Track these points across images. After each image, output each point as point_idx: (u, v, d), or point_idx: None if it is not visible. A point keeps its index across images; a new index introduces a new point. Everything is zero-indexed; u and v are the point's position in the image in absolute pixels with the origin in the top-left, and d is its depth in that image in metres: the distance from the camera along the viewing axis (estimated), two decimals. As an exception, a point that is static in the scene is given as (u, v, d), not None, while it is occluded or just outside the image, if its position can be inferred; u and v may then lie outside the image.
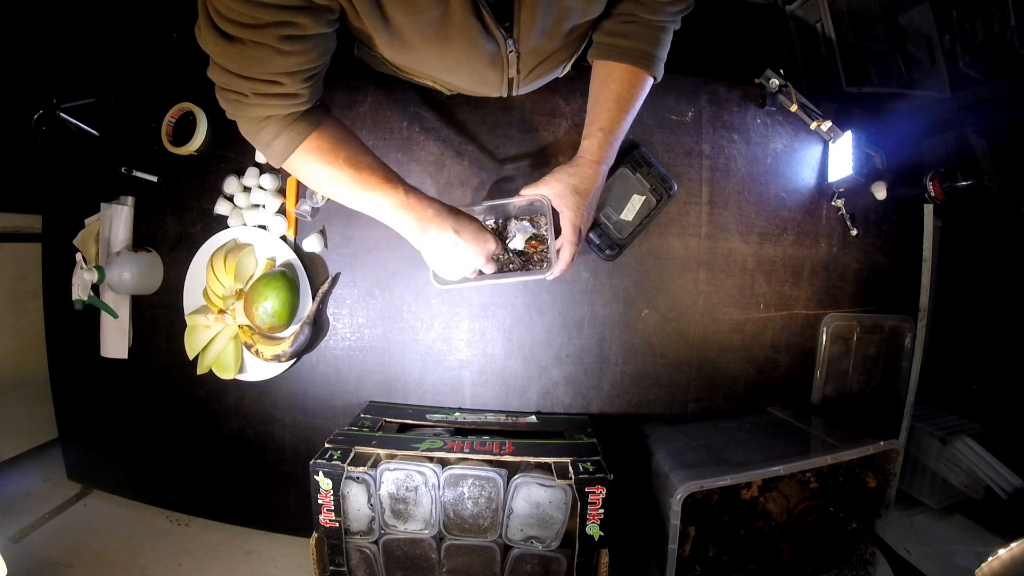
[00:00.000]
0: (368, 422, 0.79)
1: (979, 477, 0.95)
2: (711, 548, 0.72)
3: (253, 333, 0.84)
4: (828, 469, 0.76)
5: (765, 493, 0.75)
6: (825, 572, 0.76)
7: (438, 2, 0.49)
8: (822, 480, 0.76)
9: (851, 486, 0.77)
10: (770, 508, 0.75)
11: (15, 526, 0.89)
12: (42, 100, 0.89)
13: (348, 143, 0.59)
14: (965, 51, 1.12)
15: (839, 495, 0.76)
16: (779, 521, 0.75)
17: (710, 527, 0.73)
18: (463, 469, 0.65)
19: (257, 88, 0.50)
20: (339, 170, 0.57)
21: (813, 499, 0.74)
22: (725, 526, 0.73)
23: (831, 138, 0.89)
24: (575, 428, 0.80)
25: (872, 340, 0.92)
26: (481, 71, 0.63)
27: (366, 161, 0.58)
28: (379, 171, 0.58)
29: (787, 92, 0.87)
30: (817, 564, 0.75)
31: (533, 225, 0.72)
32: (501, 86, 0.69)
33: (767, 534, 0.75)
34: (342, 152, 0.57)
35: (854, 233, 0.90)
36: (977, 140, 1.11)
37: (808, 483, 0.76)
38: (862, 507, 0.77)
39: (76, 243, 0.93)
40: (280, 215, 0.87)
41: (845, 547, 0.75)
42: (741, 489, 0.74)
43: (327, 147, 0.57)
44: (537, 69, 0.68)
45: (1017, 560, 0.54)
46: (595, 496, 0.64)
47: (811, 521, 0.73)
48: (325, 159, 0.57)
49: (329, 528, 0.68)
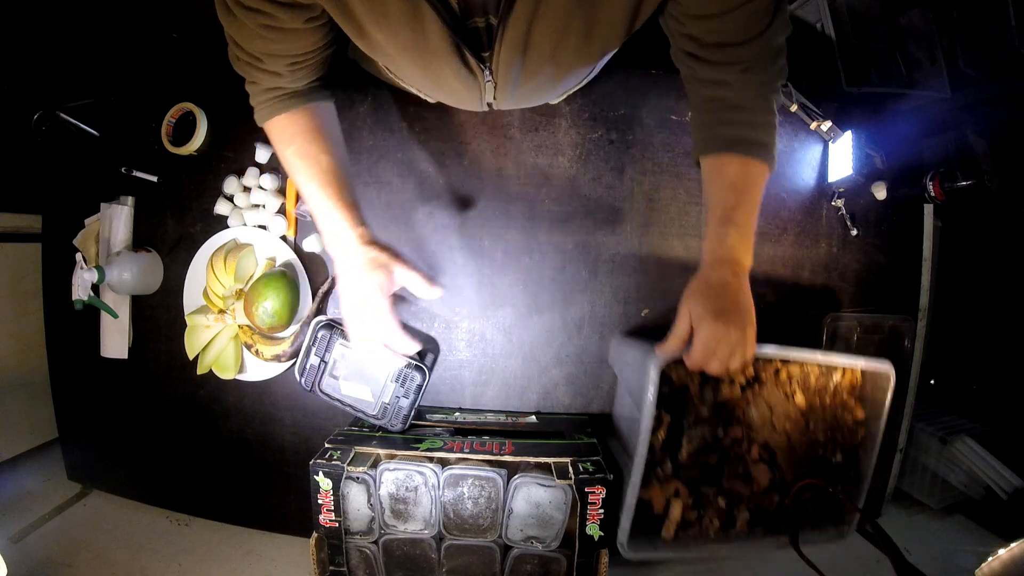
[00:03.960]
0: (368, 422, 0.79)
1: (979, 477, 0.95)
2: (685, 444, 0.66)
3: (253, 333, 0.84)
4: (818, 380, 0.71)
5: (748, 394, 0.69)
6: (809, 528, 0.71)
7: (412, 23, 0.48)
8: (809, 397, 0.71)
9: (837, 414, 0.72)
10: (751, 416, 0.69)
11: (15, 526, 0.89)
12: (42, 100, 0.89)
13: (315, 138, 0.59)
14: (965, 51, 1.12)
15: (823, 423, 0.71)
16: (760, 435, 0.69)
17: (684, 419, 0.67)
18: (463, 469, 0.65)
19: (245, 57, 0.55)
20: (294, 158, 0.59)
21: (811, 478, 0.69)
22: (702, 422, 0.67)
23: (831, 138, 0.89)
24: (575, 428, 0.80)
25: (872, 340, 0.92)
26: (459, 92, 0.62)
27: (324, 161, 0.58)
28: (328, 176, 0.58)
29: (787, 92, 0.87)
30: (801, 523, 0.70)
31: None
32: (481, 105, 0.67)
33: (746, 450, 0.69)
34: (317, 141, 0.58)
35: (854, 233, 0.90)
36: (977, 140, 1.11)
37: (792, 396, 0.70)
38: (845, 446, 0.72)
39: (76, 243, 0.93)
40: (280, 215, 0.87)
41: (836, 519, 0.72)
42: (723, 384, 0.68)
43: (294, 132, 0.59)
44: (518, 98, 0.67)
45: (1017, 560, 0.54)
46: (595, 496, 0.64)
47: (808, 499, 0.69)
48: (288, 141, 0.59)
49: (329, 528, 0.68)
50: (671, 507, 0.66)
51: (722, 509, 0.68)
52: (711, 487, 0.68)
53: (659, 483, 0.66)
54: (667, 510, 0.66)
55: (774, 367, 0.70)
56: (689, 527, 0.67)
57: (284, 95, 0.58)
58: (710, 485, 0.68)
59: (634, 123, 0.87)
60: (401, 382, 0.76)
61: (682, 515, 0.66)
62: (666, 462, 0.67)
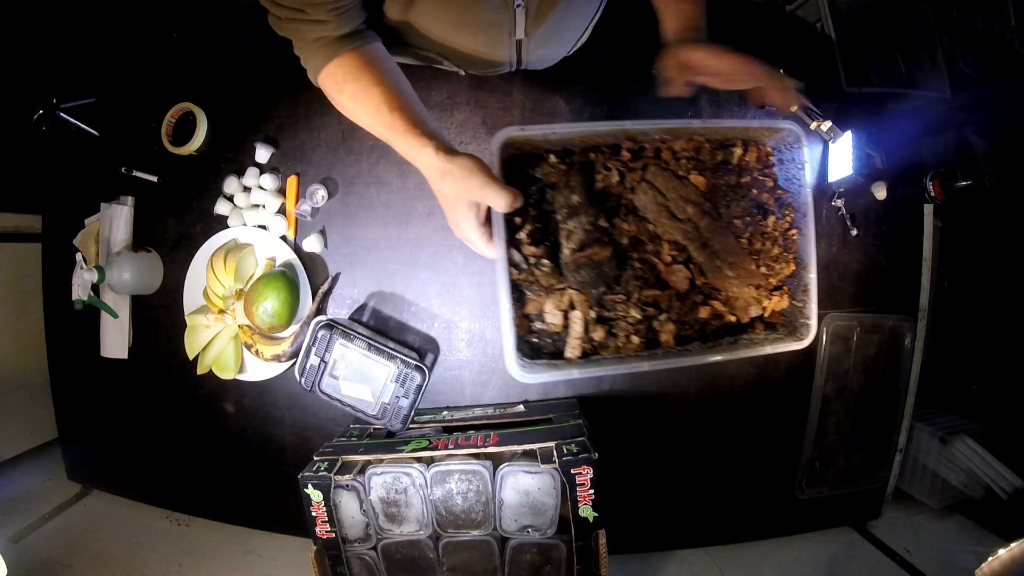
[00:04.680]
0: (356, 431, 0.79)
1: (979, 477, 0.95)
2: (565, 243, 0.60)
3: (253, 333, 0.84)
4: (713, 156, 0.64)
5: (630, 179, 0.63)
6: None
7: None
8: (709, 177, 0.64)
9: (753, 195, 0.66)
10: (643, 204, 0.62)
11: (15, 526, 0.89)
12: (42, 100, 0.89)
13: (363, 75, 0.57)
14: (965, 51, 1.12)
15: (740, 208, 0.64)
16: (661, 227, 0.61)
17: (555, 214, 0.60)
18: (448, 465, 0.65)
19: (287, 14, 0.55)
20: (349, 102, 0.58)
21: (738, 271, 0.62)
22: (577, 212, 0.59)
23: (831, 138, 0.88)
24: (564, 411, 0.79)
25: (872, 340, 0.92)
26: (487, 27, 0.62)
27: (376, 94, 0.56)
28: (398, 99, 0.56)
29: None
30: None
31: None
32: (509, 49, 0.67)
33: (654, 251, 0.62)
34: (367, 76, 0.57)
35: (854, 233, 0.90)
36: (977, 140, 1.11)
37: (688, 176, 0.63)
38: (772, 233, 0.66)
39: (76, 243, 0.93)
40: (280, 215, 0.87)
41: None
42: (596, 175, 0.61)
43: (344, 76, 0.57)
44: (547, 29, 0.65)
45: (1017, 560, 0.54)
46: (582, 478, 0.63)
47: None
48: (339, 88, 0.58)
49: (327, 539, 0.68)
50: (571, 323, 0.60)
51: (639, 322, 0.61)
52: (617, 296, 0.61)
53: (546, 293, 0.59)
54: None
55: (654, 147, 0.63)
56: (604, 348, 0.61)
57: (329, 41, 0.58)
58: (615, 294, 0.61)
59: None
60: (401, 382, 0.76)
61: (585, 331, 0.59)
62: (542, 262, 0.60)
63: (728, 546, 0.94)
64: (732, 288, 0.66)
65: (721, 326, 0.67)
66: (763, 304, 0.68)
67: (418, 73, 0.84)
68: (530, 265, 0.62)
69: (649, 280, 0.63)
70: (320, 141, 0.88)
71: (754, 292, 0.67)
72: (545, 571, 0.68)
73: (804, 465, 0.92)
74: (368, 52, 0.59)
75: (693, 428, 0.90)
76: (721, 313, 0.67)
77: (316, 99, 0.86)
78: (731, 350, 0.61)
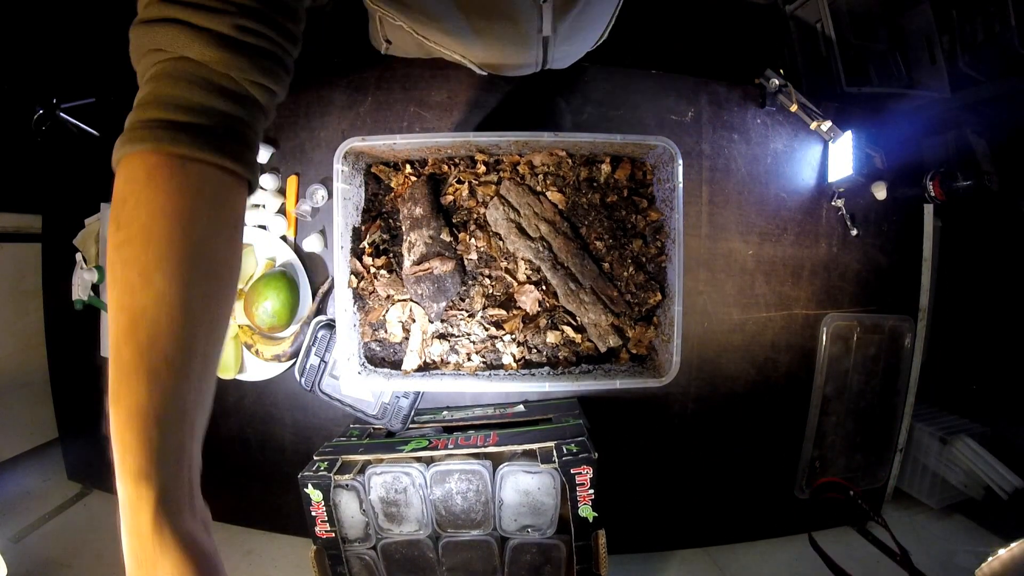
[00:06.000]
0: (356, 432, 0.79)
1: (979, 477, 0.95)
2: (407, 254, 0.59)
3: (253, 333, 0.84)
4: (573, 172, 0.60)
5: (481, 192, 0.60)
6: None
7: None
8: (569, 195, 0.59)
9: (622, 216, 0.61)
10: (492, 220, 0.59)
11: (15, 526, 0.89)
12: (42, 100, 0.89)
13: (188, 243, 0.33)
14: (965, 51, 1.12)
15: (603, 227, 0.59)
16: (511, 243, 0.58)
17: (399, 223, 0.58)
18: (448, 465, 0.65)
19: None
20: (138, 276, 0.33)
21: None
22: (420, 224, 0.57)
23: (831, 138, 0.89)
24: (564, 411, 0.79)
25: (872, 340, 0.92)
26: (512, 17, 0.57)
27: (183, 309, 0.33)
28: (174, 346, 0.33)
29: (787, 92, 0.87)
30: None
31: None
32: (535, 48, 0.62)
33: (507, 270, 0.59)
34: (174, 252, 0.33)
35: (854, 233, 0.90)
36: (977, 140, 1.11)
37: (545, 193, 0.59)
38: (643, 257, 0.61)
39: (76, 243, 0.93)
40: (280, 215, 0.87)
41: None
42: (447, 188, 0.58)
43: (168, 210, 0.34)
44: (574, 22, 0.61)
45: (1017, 560, 0.54)
46: (582, 477, 0.63)
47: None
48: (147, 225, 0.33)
49: (326, 539, 0.68)
50: (411, 335, 0.58)
51: (482, 342, 0.59)
52: (460, 311, 0.59)
53: (388, 303, 0.58)
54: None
55: (511, 160, 0.60)
56: (445, 364, 0.60)
57: (177, 106, 0.34)
58: (458, 309, 0.60)
59: (634, 123, 0.87)
60: None
61: (423, 347, 0.58)
62: (381, 273, 0.58)
63: (728, 546, 0.94)
64: (588, 314, 0.61)
65: (581, 353, 0.63)
66: (627, 334, 0.63)
67: (419, 73, 0.84)
68: (370, 275, 0.61)
69: (499, 298, 0.61)
70: (320, 141, 0.88)
71: (614, 320, 0.62)
72: (545, 571, 0.68)
73: (804, 465, 0.92)
74: (224, 192, 0.34)
75: (693, 428, 0.90)
76: (574, 340, 0.63)
77: (316, 99, 0.86)
78: (577, 379, 0.58)
